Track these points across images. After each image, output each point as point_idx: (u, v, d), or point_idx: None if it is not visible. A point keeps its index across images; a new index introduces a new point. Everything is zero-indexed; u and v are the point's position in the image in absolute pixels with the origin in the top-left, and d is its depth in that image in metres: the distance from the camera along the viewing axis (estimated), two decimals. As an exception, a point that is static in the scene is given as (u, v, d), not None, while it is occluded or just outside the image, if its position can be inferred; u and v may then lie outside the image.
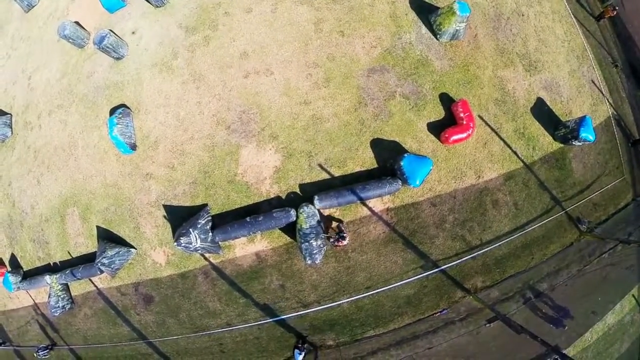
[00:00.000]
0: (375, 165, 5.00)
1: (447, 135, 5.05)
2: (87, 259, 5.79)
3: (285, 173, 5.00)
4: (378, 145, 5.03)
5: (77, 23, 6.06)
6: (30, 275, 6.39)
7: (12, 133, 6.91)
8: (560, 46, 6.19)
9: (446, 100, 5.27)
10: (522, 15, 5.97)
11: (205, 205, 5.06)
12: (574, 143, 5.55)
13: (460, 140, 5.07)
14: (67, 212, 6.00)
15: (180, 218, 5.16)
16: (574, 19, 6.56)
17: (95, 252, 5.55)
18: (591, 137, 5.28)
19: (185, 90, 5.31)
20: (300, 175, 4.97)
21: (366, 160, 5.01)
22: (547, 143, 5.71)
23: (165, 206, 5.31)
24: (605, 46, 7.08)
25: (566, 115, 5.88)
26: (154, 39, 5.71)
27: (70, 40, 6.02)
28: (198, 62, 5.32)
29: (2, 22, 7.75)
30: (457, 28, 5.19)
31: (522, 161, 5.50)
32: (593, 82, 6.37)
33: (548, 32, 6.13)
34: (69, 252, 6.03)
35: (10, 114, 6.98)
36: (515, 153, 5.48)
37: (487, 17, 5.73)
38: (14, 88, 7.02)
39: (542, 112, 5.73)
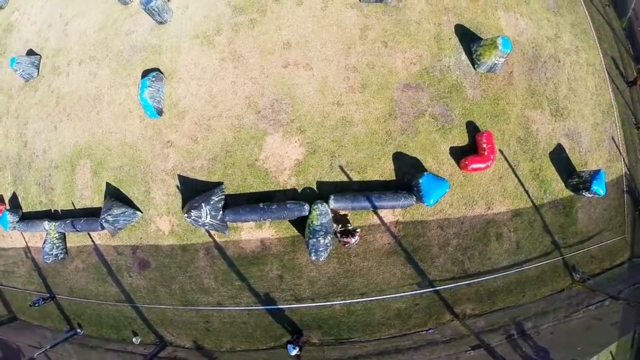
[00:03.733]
0: (394, 178, 5.09)
1: (467, 163, 5.15)
2: (90, 213, 5.79)
3: (305, 168, 5.06)
4: (400, 158, 5.12)
5: (125, -21, 6.08)
6: (29, 218, 6.38)
7: (38, 74, 6.88)
8: (589, 98, 6.33)
9: (472, 129, 5.37)
10: (559, 61, 6.10)
11: (220, 183, 5.10)
12: (584, 194, 5.68)
13: (479, 169, 5.17)
14: (79, 163, 5.99)
15: (193, 191, 5.18)
16: (606, 74, 6.71)
17: (99, 207, 5.56)
18: (602, 192, 5.40)
19: (222, 68, 5.34)
20: (319, 172, 5.04)
21: (386, 170, 5.09)
22: (558, 189, 5.84)
23: (180, 176, 5.34)
24: (630, 106, 7.25)
25: (582, 165, 6.02)
26: (200, 11, 5.72)
27: (116, -5, 6.04)
28: (240, 42, 5.35)
29: (49, -36, 7.70)
30: (496, 62, 5.30)
31: (532, 202, 5.62)
32: (613, 138, 6.52)
33: (580, 83, 6.28)
34: (72, 203, 6.02)
35: (39, 55, 6.96)
36: (527, 192, 5.61)
37: (525, 56, 5.85)
38: (48, 31, 6.99)
39: (559, 158, 5.86)
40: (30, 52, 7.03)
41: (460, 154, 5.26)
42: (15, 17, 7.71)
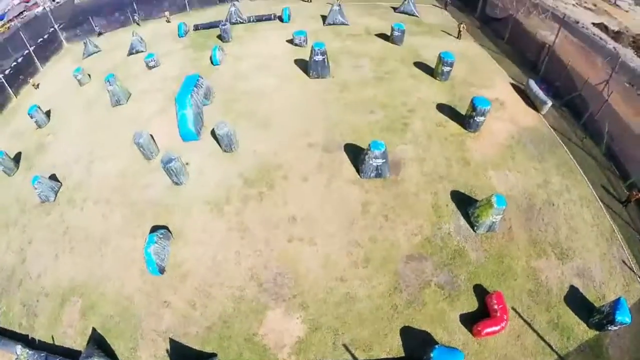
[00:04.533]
0: (402, 354, 4.70)
1: (479, 329, 4.82)
2: (68, 354, 5.21)
3: (307, 346, 4.74)
4: (408, 333, 4.83)
5: (151, 136, 6.83)
6: (4, 336, 5.75)
7: (54, 200, 7.21)
8: (589, 231, 6.33)
9: (480, 292, 5.21)
10: (553, 204, 6.31)
11: (214, 355, 4.72)
12: (609, 328, 5.13)
13: (493, 333, 4.81)
14: (70, 299, 5.73)
15: (184, 358, 4.77)
16: (600, 202, 6.87)
17: (79, 351, 5.05)
18: (627, 320, 4.88)
19: (228, 237, 5.53)
20: (322, 351, 4.70)
21: (393, 347, 4.74)
22: (581, 331, 5.33)
23: (172, 340, 4.99)
24: (632, 224, 7.24)
25: (600, 299, 5.62)
26: (214, 179, 6.21)
27: (142, 149, 6.72)
28: (248, 214, 5.66)
29: (91, 103, 8.83)
30: (494, 220, 5.48)
31: (557, 353, 5.06)
32: (624, 262, 6.27)
33: (577, 219, 6.37)
34: (52, 337, 5.52)
35: (61, 183, 7.42)
36: (549, 345, 5.10)
37: (520, 209, 6.07)
38: (74, 165, 7.59)
39: (575, 299, 5.52)
40: (53, 177, 7.53)
41: (471, 320, 4.97)
42: (49, 140, 8.53)
